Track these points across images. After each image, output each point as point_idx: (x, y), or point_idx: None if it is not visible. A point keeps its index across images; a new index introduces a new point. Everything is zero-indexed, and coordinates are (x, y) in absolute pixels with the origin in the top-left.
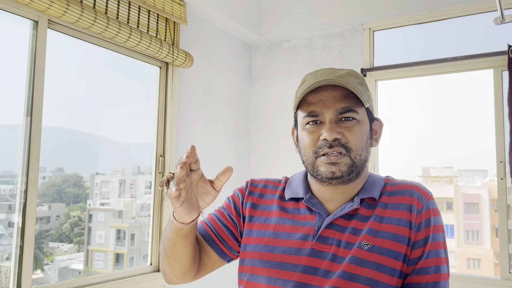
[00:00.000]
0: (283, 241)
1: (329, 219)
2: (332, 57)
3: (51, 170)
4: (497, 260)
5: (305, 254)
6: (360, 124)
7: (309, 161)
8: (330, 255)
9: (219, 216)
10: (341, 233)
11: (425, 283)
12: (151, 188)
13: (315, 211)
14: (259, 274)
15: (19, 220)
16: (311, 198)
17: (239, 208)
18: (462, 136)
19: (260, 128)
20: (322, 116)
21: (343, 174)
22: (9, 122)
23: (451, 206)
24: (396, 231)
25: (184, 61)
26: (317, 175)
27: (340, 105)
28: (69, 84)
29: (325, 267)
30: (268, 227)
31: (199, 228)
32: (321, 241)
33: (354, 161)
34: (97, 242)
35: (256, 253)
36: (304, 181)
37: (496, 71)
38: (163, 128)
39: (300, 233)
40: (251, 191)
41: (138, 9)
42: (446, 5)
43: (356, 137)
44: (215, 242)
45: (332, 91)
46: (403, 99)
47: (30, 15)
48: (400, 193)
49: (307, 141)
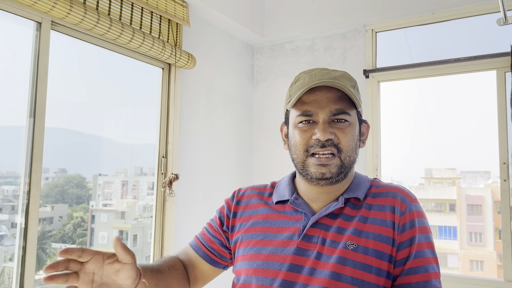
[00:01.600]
0: (270, 241)
1: (314, 218)
2: (335, 59)
3: (54, 171)
4: (500, 262)
5: (290, 252)
6: (352, 126)
7: (299, 159)
8: (315, 253)
9: (208, 228)
10: (326, 231)
11: (416, 283)
12: (154, 189)
13: (300, 211)
14: (247, 275)
15: (22, 221)
16: (296, 199)
17: (223, 219)
18: (465, 138)
19: (262, 130)
20: (316, 116)
21: (332, 175)
22: (12, 123)
23: (454, 208)
24: (380, 231)
25: (187, 62)
26: (306, 175)
27: (334, 106)
28: (72, 85)
29: (310, 265)
30: (256, 229)
31: (192, 244)
32: (306, 239)
33: (343, 162)
34: (99, 243)
35: (245, 255)
36: (290, 183)
37: (499, 72)
38: (166, 129)
39: (286, 233)
40: (238, 201)
41: (141, 11)
42: (449, 6)
43: (347, 138)
44: (207, 255)
45: (327, 92)
46: (406, 101)
47: (34, 16)
48: (384, 195)
49: (298, 140)
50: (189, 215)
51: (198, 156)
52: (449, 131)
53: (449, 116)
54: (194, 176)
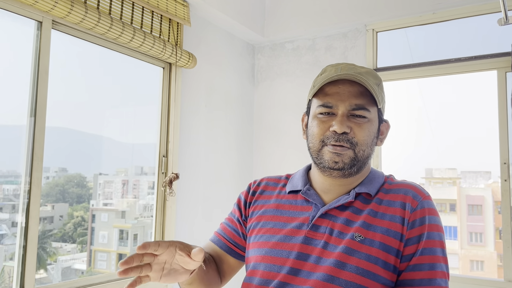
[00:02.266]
0: (279, 230)
1: (323, 209)
2: (336, 58)
3: (55, 170)
4: (501, 262)
5: (298, 241)
6: (370, 123)
7: (315, 148)
8: (322, 243)
9: (229, 222)
10: (334, 222)
11: (420, 280)
12: (154, 188)
13: (311, 202)
14: (256, 261)
15: (23, 220)
16: (308, 190)
17: (242, 210)
18: (466, 138)
19: (263, 129)
20: (335, 108)
21: (345, 166)
22: (13, 122)
23: (454, 208)
24: (388, 226)
25: (187, 61)
26: (320, 163)
27: (355, 101)
28: (72, 85)
29: (317, 254)
30: (267, 218)
31: (213, 239)
32: (314, 229)
33: (357, 155)
34: (100, 242)
35: (255, 243)
36: (304, 174)
37: (500, 72)
38: (166, 128)
39: (295, 222)
40: (254, 191)
41: (142, 10)
42: (450, 6)
43: (363, 133)
44: (230, 248)
45: (350, 86)
46: (407, 101)
47: (34, 15)
48: (396, 191)
49: (316, 130)
50: (189, 214)
51: (199, 156)
52: (449, 131)
53: (449, 116)
54: (195, 176)
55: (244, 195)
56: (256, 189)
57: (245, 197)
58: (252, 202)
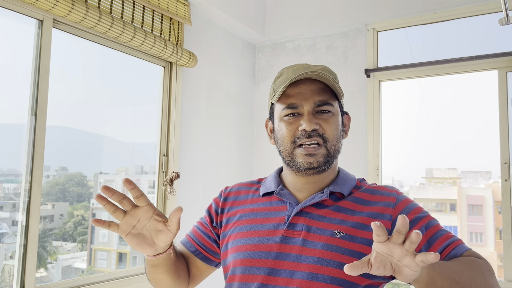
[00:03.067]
0: (256, 232)
1: (299, 207)
2: (336, 58)
3: (55, 169)
4: (501, 262)
5: (276, 241)
6: (335, 117)
7: (286, 151)
8: (301, 240)
9: (199, 226)
10: (310, 219)
11: (440, 240)
12: (155, 187)
13: (285, 201)
14: (235, 266)
15: (23, 219)
16: (281, 190)
17: (213, 216)
18: (466, 137)
19: (263, 128)
20: (301, 108)
21: (319, 165)
22: (14, 121)
23: (454, 208)
24: (367, 222)
25: (188, 61)
26: (294, 165)
27: (318, 98)
28: (73, 84)
29: (296, 252)
30: (242, 222)
31: (183, 241)
32: (291, 228)
33: (329, 151)
34: (100, 241)
35: (233, 248)
36: (276, 176)
37: (500, 72)
38: (167, 127)
39: (272, 223)
40: (226, 197)
41: (143, 9)
42: (451, 6)
43: (332, 128)
44: (199, 251)
45: (310, 84)
46: (407, 100)
47: (35, 14)
48: (371, 191)
49: (285, 132)
50: (190, 213)
51: (199, 155)
52: (450, 131)
53: (450, 116)
54: (195, 175)
55: (215, 201)
56: (227, 195)
57: (217, 204)
58: (225, 208)
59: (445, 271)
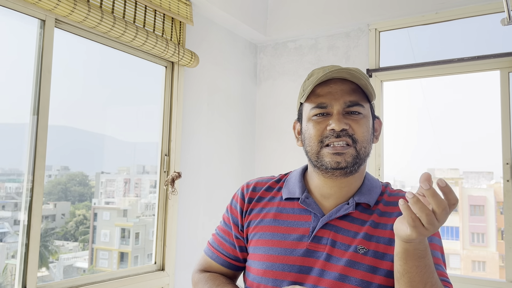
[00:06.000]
0: (279, 242)
1: (324, 220)
2: (338, 58)
3: (57, 169)
4: (503, 262)
5: (300, 254)
6: (366, 119)
7: (313, 151)
8: (325, 255)
9: (224, 236)
10: (335, 233)
11: None
12: (156, 187)
13: (310, 211)
14: (257, 275)
15: (25, 218)
16: (306, 198)
17: (238, 220)
18: (468, 138)
19: (265, 128)
20: (330, 107)
21: (348, 165)
22: (16, 121)
23: (456, 208)
24: (390, 235)
25: (190, 60)
26: (321, 165)
27: (349, 98)
28: (75, 83)
29: (320, 266)
30: (265, 228)
31: (211, 255)
32: (316, 241)
33: (359, 152)
34: (101, 240)
35: (255, 255)
36: (300, 180)
37: (502, 72)
38: (169, 127)
39: (295, 234)
40: (251, 198)
41: (145, 9)
42: (453, 6)
43: (362, 129)
44: (231, 263)
45: (341, 84)
46: (409, 100)
47: (38, 14)
48: (395, 203)
49: (313, 132)
50: (191, 213)
51: (201, 154)
52: (452, 131)
53: (452, 116)
54: (197, 174)
55: (239, 203)
56: (252, 196)
57: (241, 206)
58: (248, 211)
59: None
